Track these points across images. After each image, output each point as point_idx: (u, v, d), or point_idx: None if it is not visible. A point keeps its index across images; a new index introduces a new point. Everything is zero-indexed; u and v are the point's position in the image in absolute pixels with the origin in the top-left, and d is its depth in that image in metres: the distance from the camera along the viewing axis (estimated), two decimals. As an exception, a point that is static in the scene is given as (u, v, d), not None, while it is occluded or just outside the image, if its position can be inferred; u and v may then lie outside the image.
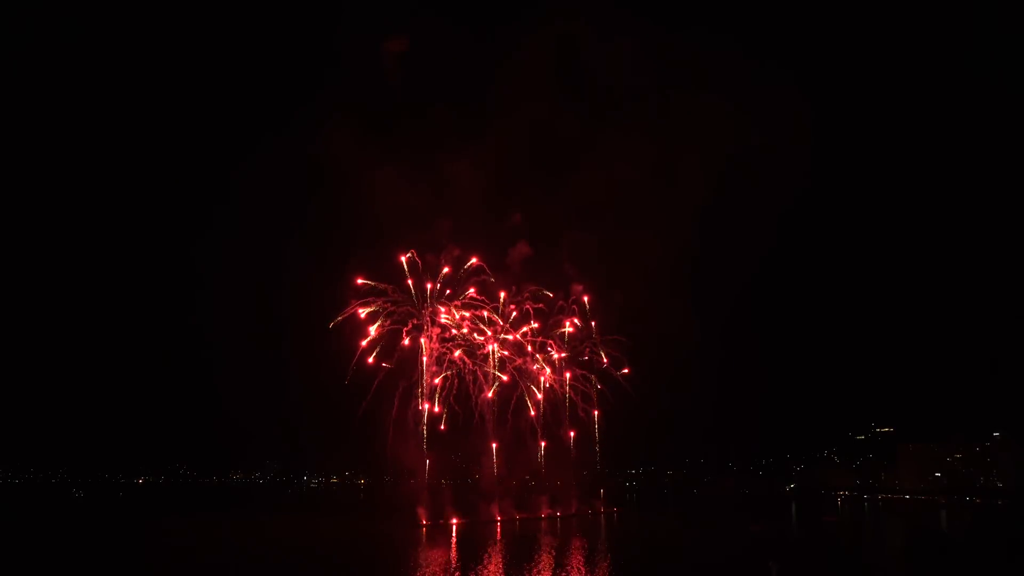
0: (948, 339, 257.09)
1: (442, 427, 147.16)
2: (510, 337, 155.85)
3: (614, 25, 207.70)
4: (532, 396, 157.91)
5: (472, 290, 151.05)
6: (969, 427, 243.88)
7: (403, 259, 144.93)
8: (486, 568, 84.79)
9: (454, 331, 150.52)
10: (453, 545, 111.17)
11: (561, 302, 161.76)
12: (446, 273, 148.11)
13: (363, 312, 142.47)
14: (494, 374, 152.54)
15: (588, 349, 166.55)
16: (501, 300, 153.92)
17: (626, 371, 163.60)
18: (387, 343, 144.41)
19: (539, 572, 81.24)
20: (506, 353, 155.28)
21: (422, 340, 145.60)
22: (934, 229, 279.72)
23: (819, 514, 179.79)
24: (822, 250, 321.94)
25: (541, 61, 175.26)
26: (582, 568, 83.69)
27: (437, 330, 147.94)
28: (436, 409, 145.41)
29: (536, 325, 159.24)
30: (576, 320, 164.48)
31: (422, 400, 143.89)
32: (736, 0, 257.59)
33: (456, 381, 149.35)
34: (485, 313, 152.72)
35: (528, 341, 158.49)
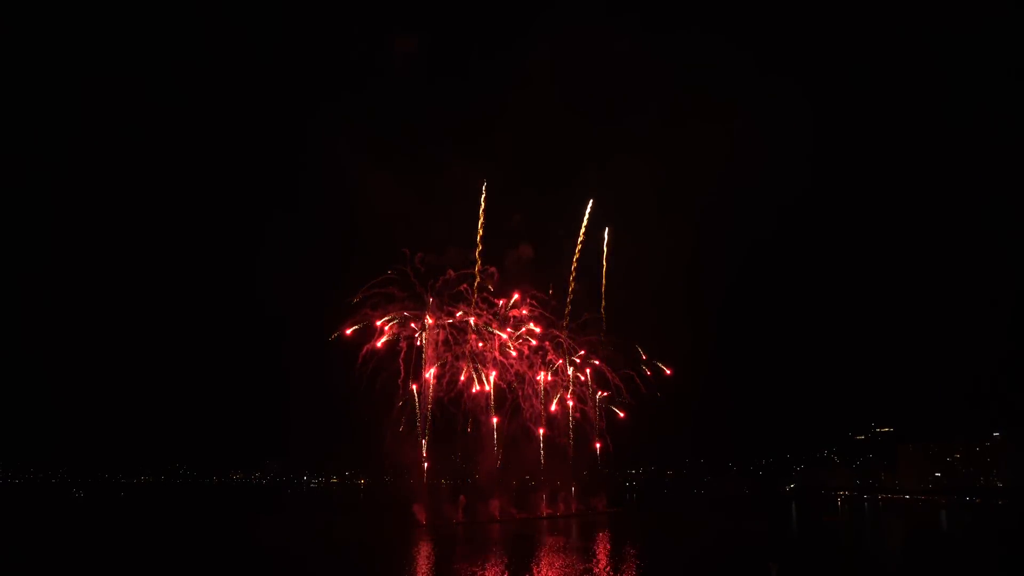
0: (948, 339, 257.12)
1: (442, 428, 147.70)
2: (509, 341, 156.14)
3: (616, 29, 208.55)
4: (531, 397, 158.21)
5: (474, 293, 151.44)
6: (969, 427, 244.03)
7: (406, 262, 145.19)
8: (483, 568, 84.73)
9: (456, 333, 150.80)
10: (451, 545, 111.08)
11: (555, 302, 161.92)
12: (449, 276, 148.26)
13: (367, 314, 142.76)
14: (495, 375, 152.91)
15: (586, 350, 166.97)
16: (502, 304, 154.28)
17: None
18: (389, 344, 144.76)
19: (537, 572, 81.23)
20: (507, 357, 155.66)
21: (424, 342, 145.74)
22: (934, 229, 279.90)
23: (819, 514, 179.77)
24: (823, 249, 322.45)
25: (544, 66, 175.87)
26: (578, 568, 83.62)
27: (441, 333, 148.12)
28: (435, 409, 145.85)
29: (538, 329, 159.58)
30: (572, 323, 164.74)
31: (422, 400, 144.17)
32: (733, 2, 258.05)
33: (458, 383, 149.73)
34: (486, 316, 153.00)
35: (526, 345, 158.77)
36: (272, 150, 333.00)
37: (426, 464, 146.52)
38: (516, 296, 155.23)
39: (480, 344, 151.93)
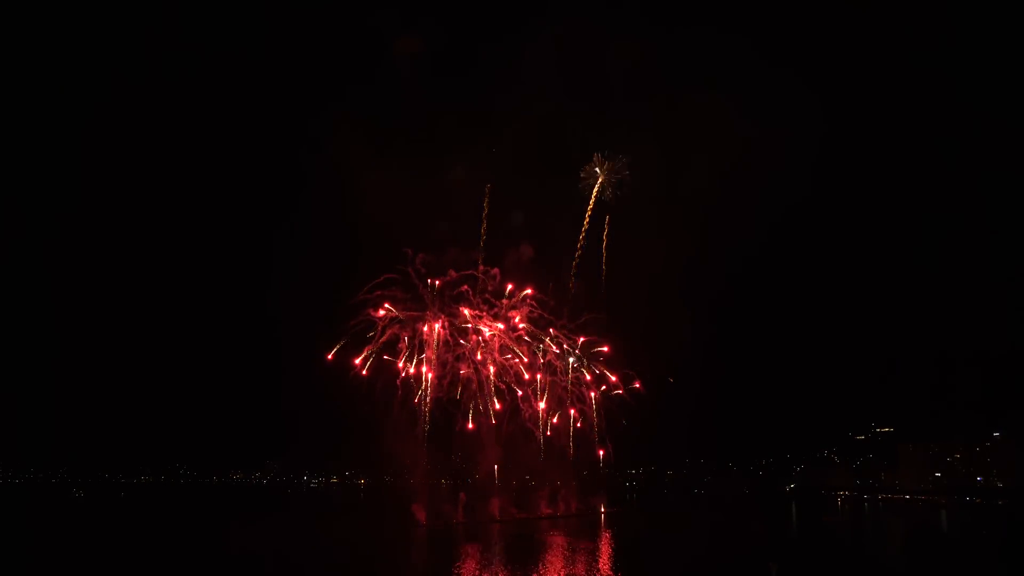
0: (948, 339, 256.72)
1: (442, 428, 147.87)
2: (510, 336, 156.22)
3: (615, 27, 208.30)
4: (531, 397, 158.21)
5: (475, 295, 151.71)
6: (969, 427, 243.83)
7: (408, 262, 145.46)
8: (483, 568, 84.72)
9: (457, 334, 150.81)
10: (451, 545, 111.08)
11: (553, 302, 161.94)
12: (450, 276, 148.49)
13: (369, 314, 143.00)
14: (495, 375, 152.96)
15: (586, 351, 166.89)
16: (503, 304, 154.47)
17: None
18: (390, 344, 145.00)
19: (537, 572, 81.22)
20: (507, 358, 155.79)
21: (425, 342, 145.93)
22: (935, 228, 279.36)
23: (819, 514, 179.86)
24: (823, 248, 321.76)
25: (544, 64, 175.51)
26: (578, 568, 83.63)
27: (442, 333, 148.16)
28: (435, 409, 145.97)
29: (540, 334, 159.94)
30: (569, 324, 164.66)
31: (423, 401, 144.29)
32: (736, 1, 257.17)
33: (459, 383, 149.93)
34: (487, 317, 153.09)
35: (526, 343, 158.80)
36: (274, 151, 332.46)
37: (426, 464, 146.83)
38: (516, 297, 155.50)
39: (480, 348, 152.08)
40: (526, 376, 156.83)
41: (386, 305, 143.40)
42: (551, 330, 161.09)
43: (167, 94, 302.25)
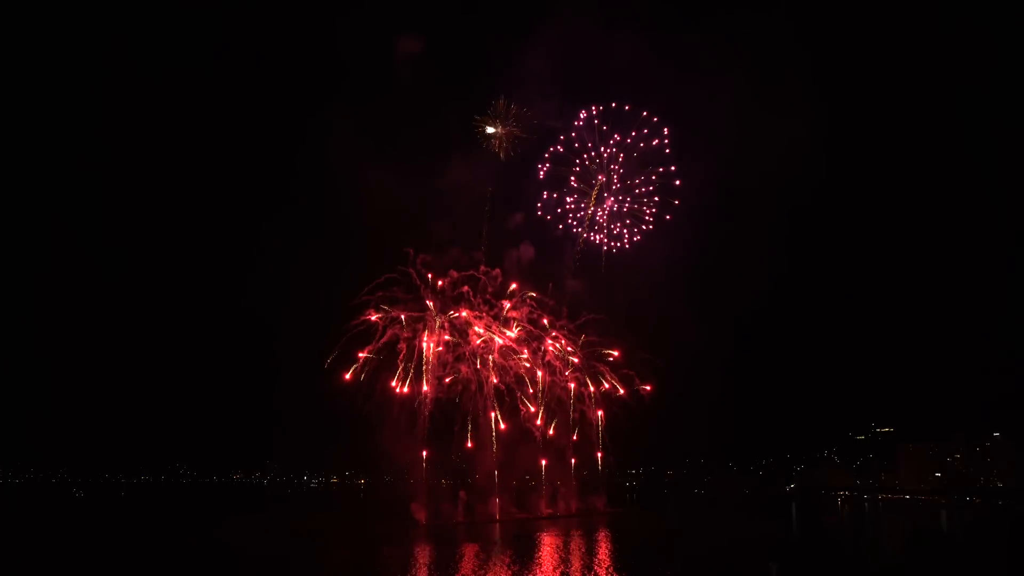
0: (948, 339, 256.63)
1: (442, 428, 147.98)
2: (511, 337, 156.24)
3: (617, 27, 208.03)
4: (531, 397, 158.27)
5: (476, 295, 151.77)
6: (969, 427, 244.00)
7: (409, 263, 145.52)
8: (483, 568, 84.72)
9: (457, 334, 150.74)
10: (451, 545, 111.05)
11: (552, 302, 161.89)
12: (451, 277, 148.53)
13: (368, 315, 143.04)
14: (494, 375, 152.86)
15: (586, 351, 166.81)
16: (505, 306, 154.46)
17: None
18: (390, 345, 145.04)
19: (536, 572, 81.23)
20: (507, 359, 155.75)
21: (425, 342, 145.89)
22: (935, 229, 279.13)
23: (819, 514, 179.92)
24: (822, 249, 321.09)
25: (544, 62, 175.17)
26: (579, 568, 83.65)
27: (442, 333, 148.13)
28: (435, 409, 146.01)
29: (546, 339, 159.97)
30: (569, 325, 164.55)
31: (422, 401, 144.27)
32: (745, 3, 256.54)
33: (459, 384, 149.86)
34: (487, 318, 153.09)
35: (526, 344, 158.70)
36: (274, 150, 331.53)
37: (425, 464, 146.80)
38: (516, 298, 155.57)
39: (480, 349, 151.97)
40: (529, 388, 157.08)
41: (382, 306, 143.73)
42: (546, 323, 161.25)
43: (160, 94, 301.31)
